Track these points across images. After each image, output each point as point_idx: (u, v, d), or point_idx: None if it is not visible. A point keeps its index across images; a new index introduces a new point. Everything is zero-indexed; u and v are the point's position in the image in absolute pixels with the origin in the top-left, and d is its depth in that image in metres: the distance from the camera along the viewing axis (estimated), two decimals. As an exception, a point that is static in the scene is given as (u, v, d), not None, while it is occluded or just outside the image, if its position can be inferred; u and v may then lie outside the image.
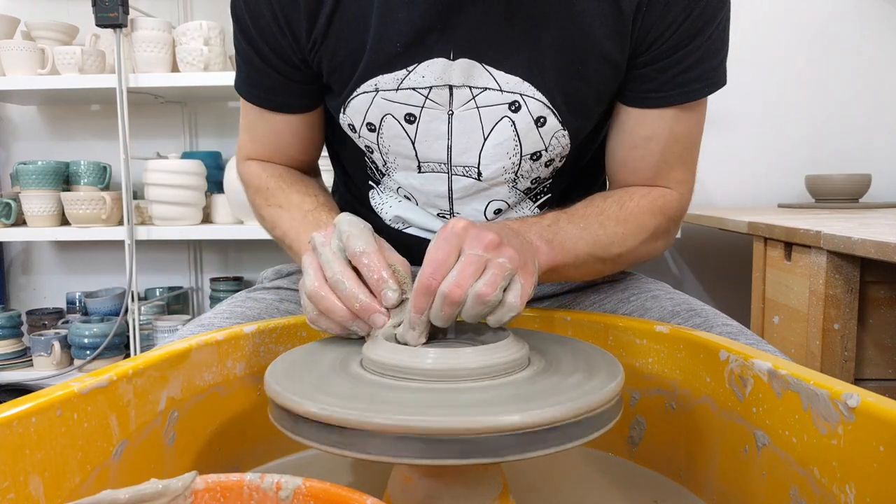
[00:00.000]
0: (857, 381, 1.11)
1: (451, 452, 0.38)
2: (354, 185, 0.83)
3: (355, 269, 0.52)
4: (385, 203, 0.79)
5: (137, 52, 1.83)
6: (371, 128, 0.71)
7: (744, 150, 2.03)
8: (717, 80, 0.69)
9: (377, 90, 0.68)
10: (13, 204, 1.92)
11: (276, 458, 0.62)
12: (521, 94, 0.67)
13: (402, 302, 0.51)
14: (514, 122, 0.68)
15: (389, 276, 0.51)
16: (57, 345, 1.91)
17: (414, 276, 0.50)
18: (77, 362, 1.91)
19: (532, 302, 0.79)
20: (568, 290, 0.80)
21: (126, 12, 1.76)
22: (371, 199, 0.80)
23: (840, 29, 1.98)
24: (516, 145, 0.69)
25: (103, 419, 0.45)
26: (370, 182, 0.80)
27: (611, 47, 0.65)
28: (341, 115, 0.72)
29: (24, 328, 2.08)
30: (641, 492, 0.57)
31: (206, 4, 2.14)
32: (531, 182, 0.74)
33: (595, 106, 0.70)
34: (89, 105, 2.21)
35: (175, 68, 1.88)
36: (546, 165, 0.72)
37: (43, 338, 1.94)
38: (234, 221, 1.95)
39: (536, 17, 0.64)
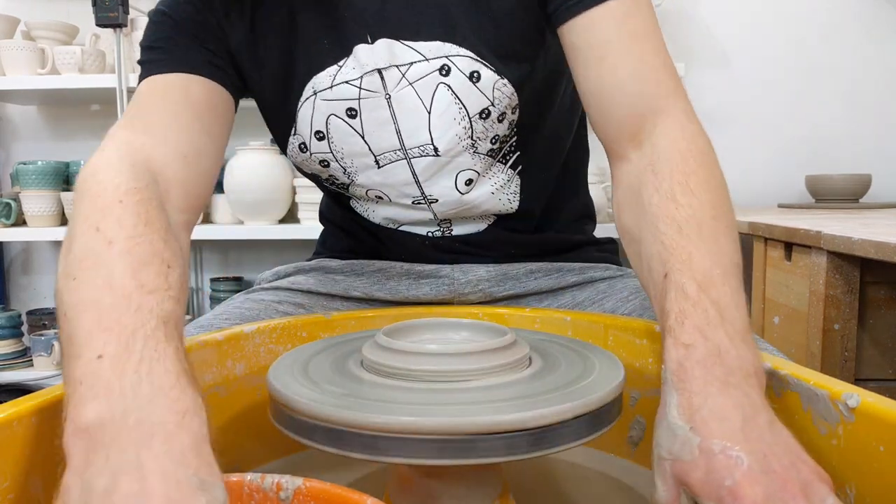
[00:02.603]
0: (857, 381, 1.11)
1: (450, 452, 0.38)
2: (339, 201, 0.83)
3: None
4: (368, 209, 0.79)
5: (137, 52, 1.82)
6: (320, 136, 0.71)
7: (744, 150, 2.03)
8: None
9: (315, 93, 0.69)
10: (13, 204, 1.92)
11: (276, 458, 0.62)
12: (446, 57, 0.67)
13: None
14: (449, 86, 0.67)
15: None
16: (57, 345, 1.91)
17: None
18: (77, 362, 1.91)
19: (530, 299, 0.79)
20: (566, 285, 0.79)
21: (126, 12, 1.76)
22: (356, 210, 0.80)
23: (840, 29, 1.98)
24: (460, 108, 0.68)
25: (103, 419, 0.45)
26: (345, 196, 0.80)
27: None
28: (291, 137, 0.72)
29: (24, 328, 2.08)
30: (641, 492, 0.57)
31: (206, 4, 2.14)
32: (491, 142, 0.72)
33: (522, 47, 0.68)
34: (89, 105, 2.21)
35: (175, 68, 1.88)
36: (499, 121, 0.70)
37: (43, 338, 1.94)
38: (234, 221, 1.95)
39: None
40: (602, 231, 0.92)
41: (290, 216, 1.96)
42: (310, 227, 1.85)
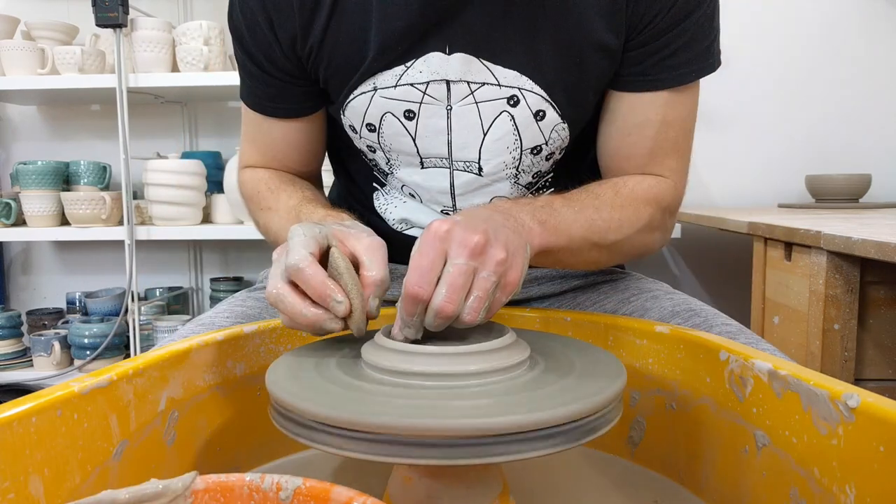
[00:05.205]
0: (857, 381, 1.11)
1: (450, 453, 0.38)
2: (359, 190, 0.82)
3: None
4: (390, 204, 0.79)
5: (137, 52, 1.82)
6: (371, 128, 0.71)
7: (744, 150, 2.03)
8: (707, 64, 0.69)
9: (375, 89, 0.68)
10: (13, 204, 1.92)
11: (276, 458, 0.62)
12: (519, 89, 0.67)
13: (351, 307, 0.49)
14: (513, 117, 0.68)
15: (329, 289, 0.48)
16: (57, 345, 1.91)
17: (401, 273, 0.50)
18: (77, 362, 1.91)
19: (532, 302, 0.79)
20: (568, 289, 0.80)
21: (126, 12, 1.76)
22: (375, 202, 0.80)
23: (840, 29, 1.98)
24: (516, 140, 0.69)
25: (103, 419, 0.45)
26: (374, 184, 0.80)
27: (607, 36, 0.66)
28: (342, 117, 0.73)
29: (24, 328, 2.08)
30: (641, 492, 0.57)
31: (206, 4, 2.14)
32: (532, 177, 0.74)
33: (593, 97, 0.70)
34: (89, 105, 2.21)
35: (175, 68, 1.88)
36: (547, 159, 0.72)
37: (43, 338, 1.94)
38: (234, 221, 1.95)
39: (533, 10, 0.64)
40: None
41: (290, 216, 1.96)
42: (310, 227, 1.85)
